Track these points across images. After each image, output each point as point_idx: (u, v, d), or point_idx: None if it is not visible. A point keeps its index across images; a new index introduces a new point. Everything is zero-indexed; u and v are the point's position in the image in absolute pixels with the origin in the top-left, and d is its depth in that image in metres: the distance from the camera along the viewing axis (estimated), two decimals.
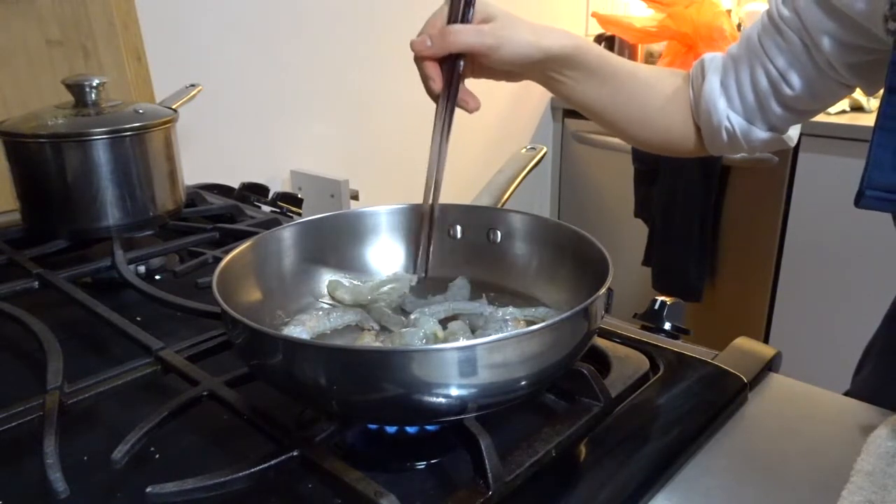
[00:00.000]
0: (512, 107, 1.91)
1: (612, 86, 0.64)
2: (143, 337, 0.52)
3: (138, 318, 0.60)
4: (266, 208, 0.99)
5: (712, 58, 0.65)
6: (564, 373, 0.43)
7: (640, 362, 0.51)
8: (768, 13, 0.60)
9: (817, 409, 0.48)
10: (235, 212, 0.88)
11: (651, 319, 0.60)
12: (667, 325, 0.59)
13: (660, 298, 0.60)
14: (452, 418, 0.39)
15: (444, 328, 0.48)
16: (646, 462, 0.41)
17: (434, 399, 0.36)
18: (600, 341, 0.53)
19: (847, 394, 0.59)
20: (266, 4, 1.29)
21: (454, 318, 0.51)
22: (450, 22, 0.54)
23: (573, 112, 2.00)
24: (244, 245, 0.51)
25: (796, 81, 0.59)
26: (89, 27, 1.00)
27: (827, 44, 0.55)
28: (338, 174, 1.30)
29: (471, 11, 0.54)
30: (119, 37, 1.04)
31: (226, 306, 0.41)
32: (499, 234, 0.58)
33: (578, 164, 2.04)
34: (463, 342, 0.42)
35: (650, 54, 1.94)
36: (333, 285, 0.56)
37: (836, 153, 1.52)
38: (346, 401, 0.39)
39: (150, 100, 1.07)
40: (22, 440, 0.43)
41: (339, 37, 1.43)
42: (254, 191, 1.02)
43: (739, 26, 2.00)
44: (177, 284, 0.66)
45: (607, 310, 0.46)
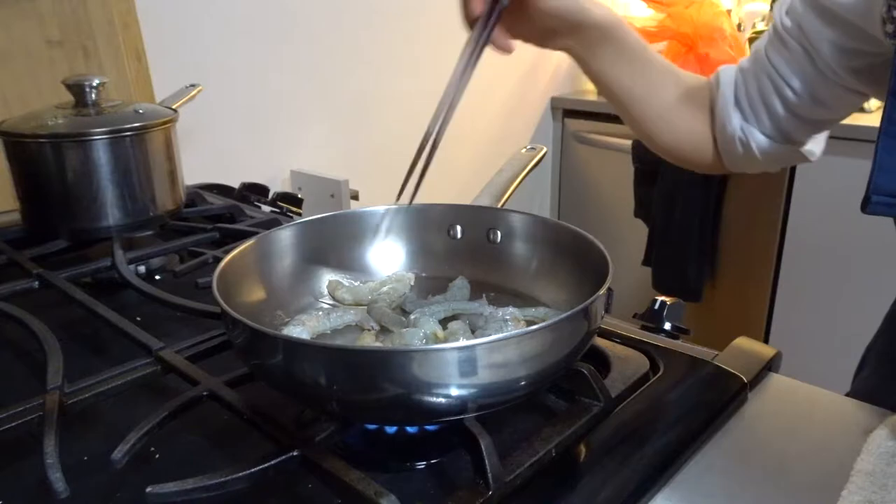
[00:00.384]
0: (512, 107, 1.91)
1: (644, 74, 0.63)
2: (143, 337, 0.52)
3: (138, 318, 0.60)
4: (266, 208, 0.99)
5: (726, 70, 0.65)
6: (564, 373, 0.43)
7: (640, 362, 0.51)
8: (773, 25, 0.60)
9: (817, 409, 0.48)
10: (235, 212, 0.88)
11: (651, 319, 0.60)
12: (667, 325, 0.59)
13: (660, 298, 0.60)
14: (452, 418, 0.39)
15: (444, 328, 0.48)
16: (646, 462, 0.41)
17: (434, 399, 0.36)
18: (600, 341, 0.53)
19: (848, 395, 0.59)
20: (266, 4, 1.29)
21: (454, 318, 0.51)
22: None
23: (573, 112, 2.00)
24: (244, 245, 0.51)
25: (799, 87, 0.59)
26: (89, 27, 1.00)
27: (827, 49, 0.55)
28: (338, 174, 1.30)
29: None
30: (119, 37, 1.04)
31: (226, 306, 0.41)
32: (499, 234, 0.58)
33: (578, 164, 2.04)
34: (463, 342, 0.42)
35: None
36: (333, 285, 0.56)
37: (836, 153, 1.52)
38: (346, 401, 0.39)
39: (150, 100, 1.08)
40: (22, 440, 0.43)
41: (340, 37, 1.43)
42: (254, 191, 1.02)
43: (739, 26, 2.00)
44: (177, 284, 0.66)
45: (607, 310, 0.46)
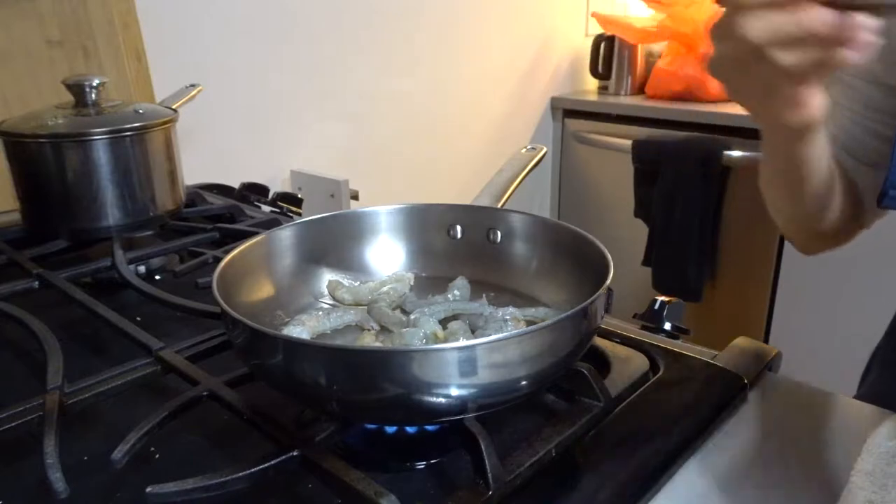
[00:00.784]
0: (512, 107, 1.91)
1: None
2: (142, 337, 0.52)
3: (138, 318, 0.60)
4: (266, 208, 0.99)
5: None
6: (564, 373, 0.43)
7: (640, 362, 0.51)
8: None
9: (817, 409, 0.48)
10: (235, 212, 0.88)
11: (651, 319, 0.60)
12: (667, 325, 0.59)
13: (660, 298, 0.60)
14: (452, 418, 0.39)
15: (444, 328, 0.48)
16: (646, 462, 0.41)
17: (434, 399, 0.36)
18: (600, 341, 0.53)
19: (856, 398, 0.58)
20: (266, 4, 1.29)
21: (454, 318, 0.51)
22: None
23: (573, 112, 2.00)
24: (244, 245, 0.51)
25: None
26: (89, 27, 1.00)
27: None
28: (338, 174, 1.30)
29: None
30: (119, 37, 1.04)
31: (226, 306, 0.41)
32: (499, 234, 0.58)
33: (578, 164, 2.04)
34: (463, 342, 0.42)
35: (650, 54, 1.94)
36: (333, 285, 0.56)
37: None
38: (346, 401, 0.39)
39: (150, 100, 1.07)
40: (22, 440, 0.43)
41: (340, 37, 1.43)
42: (254, 191, 1.02)
43: None
44: (177, 284, 0.66)
45: (607, 310, 0.46)
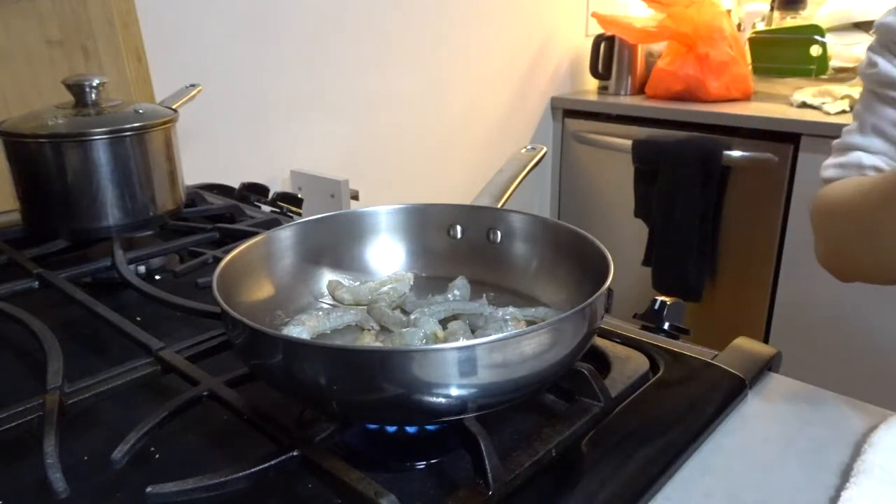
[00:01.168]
0: (512, 107, 1.91)
1: None
2: (142, 337, 0.52)
3: (138, 318, 0.60)
4: (266, 208, 0.99)
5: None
6: (564, 373, 0.43)
7: (640, 362, 0.51)
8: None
9: (817, 409, 0.48)
10: (235, 212, 0.88)
11: (651, 319, 0.60)
12: (667, 325, 0.59)
13: (660, 298, 0.60)
14: (452, 418, 0.39)
15: (444, 328, 0.48)
16: (646, 462, 0.41)
17: (434, 399, 0.36)
18: (600, 341, 0.53)
19: None
20: (266, 4, 1.29)
21: (454, 318, 0.51)
22: None
23: (573, 112, 2.00)
24: (244, 245, 0.51)
25: None
26: (89, 27, 1.00)
27: None
28: (338, 174, 1.30)
29: None
30: (119, 37, 1.04)
31: (226, 306, 0.41)
32: (499, 234, 0.58)
33: (578, 164, 2.04)
34: (463, 342, 0.42)
35: (650, 54, 1.94)
36: (333, 285, 0.56)
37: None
38: (346, 401, 0.39)
39: (150, 100, 1.07)
40: (22, 440, 0.43)
41: (341, 36, 1.43)
42: (254, 191, 1.02)
43: (739, 26, 2.00)
44: (177, 284, 0.66)
45: (607, 310, 0.46)
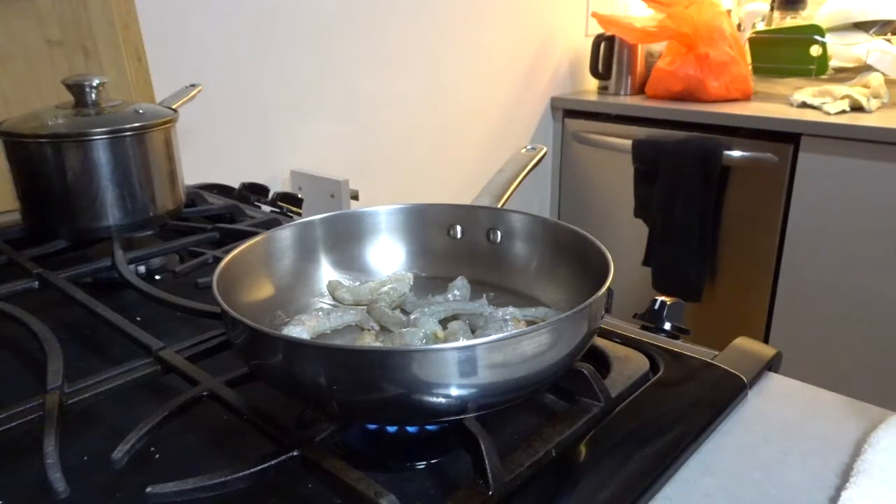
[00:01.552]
0: (512, 107, 1.91)
1: None
2: (142, 337, 0.52)
3: (138, 318, 0.60)
4: (266, 208, 0.99)
5: None
6: (564, 373, 0.43)
7: (640, 362, 0.51)
8: None
9: (817, 409, 0.48)
10: (235, 212, 0.88)
11: (651, 319, 0.60)
12: (667, 325, 0.59)
13: (660, 298, 0.60)
14: (452, 418, 0.39)
15: (444, 328, 0.48)
16: (646, 462, 0.41)
17: (434, 399, 0.36)
18: (600, 341, 0.53)
19: None
20: (266, 4, 1.29)
21: (454, 318, 0.51)
22: None
23: (573, 112, 2.00)
24: (244, 245, 0.51)
25: None
26: (89, 27, 1.00)
27: None
28: (338, 174, 1.30)
29: None
30: (119, 37, 1.04)
31: (226, 306, 0.41)
32: (499, 234, 0.58)
33: (578, 164, 2.04)
34: (463, 342, 0.42)
35: (650, 54, 1.94)
36: (333, 285, 0.56)
37: (836, 153, 1.52)
38: (347, 401, 0.39)
39: (150, 100, 1.08)
40: (22, 440, 0.43)
41: (340, 36, 1.43)
42: (254, 191, 1.02)
43: (739, 26, 2.00)
44: (177, 284, 0.66)
45: (607, 310, 0.46)
